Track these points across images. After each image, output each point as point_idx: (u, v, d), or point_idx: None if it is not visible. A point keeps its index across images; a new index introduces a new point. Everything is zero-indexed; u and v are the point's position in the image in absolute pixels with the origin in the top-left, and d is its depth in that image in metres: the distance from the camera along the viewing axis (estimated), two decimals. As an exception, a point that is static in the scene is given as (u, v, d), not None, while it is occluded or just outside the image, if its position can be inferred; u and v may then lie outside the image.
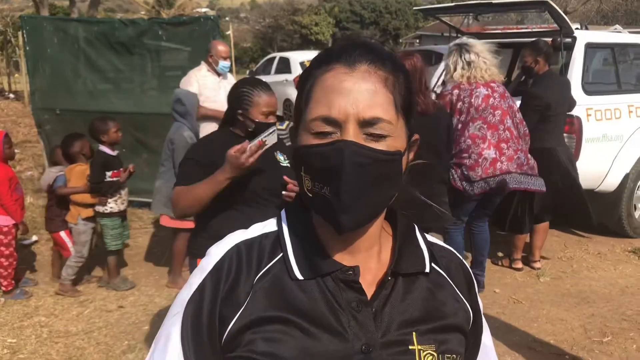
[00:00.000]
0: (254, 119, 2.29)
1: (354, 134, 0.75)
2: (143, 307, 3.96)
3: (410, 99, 0.81)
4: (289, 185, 2.24)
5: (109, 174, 4.04)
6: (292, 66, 13.33)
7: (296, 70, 12.59)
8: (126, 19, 6.93)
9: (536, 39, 4.67)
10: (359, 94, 0.76)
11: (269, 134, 2.15)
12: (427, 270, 0.86)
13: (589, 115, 4.81)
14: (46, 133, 6.34)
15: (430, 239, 0.93)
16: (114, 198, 4.10)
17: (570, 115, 4.64)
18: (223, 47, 4.79)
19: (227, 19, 53.24)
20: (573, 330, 3.62)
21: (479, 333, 0.94)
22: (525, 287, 4.30)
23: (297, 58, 13.51)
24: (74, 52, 6.14)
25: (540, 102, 4.26)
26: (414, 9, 8.75)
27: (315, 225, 0.85)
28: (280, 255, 0.83)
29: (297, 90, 0.84)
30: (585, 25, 5.81)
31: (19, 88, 16.16)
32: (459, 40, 4.05)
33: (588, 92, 4.88)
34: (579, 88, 4.80)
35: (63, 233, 4.27)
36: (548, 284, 4.38)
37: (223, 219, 2.22)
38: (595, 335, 3.55)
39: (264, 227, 0.88)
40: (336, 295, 0.80)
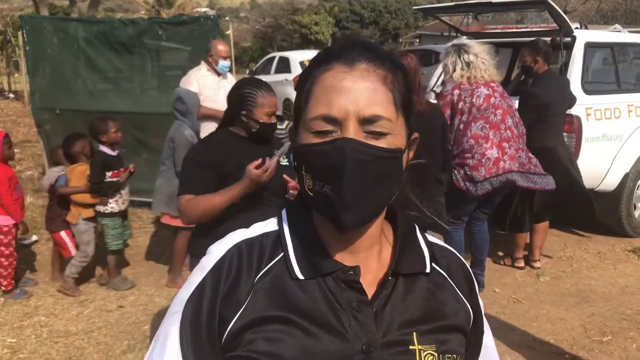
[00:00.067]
0: (258, 120, 2.31)
1: (354, 132, 0.75)
2: (143, 307, 3.96)
3: (409, 97, 0.82)
4: (290, 184, 2.25)
5: (109, 174, 4.04)
6: (292, 66, 13.35)
7: (296, 70, 12.60)
8: (126, 19, 6.92)
9: (535, 38, 4.66)
10: (358, 92, 0.76)
11: (284, 150, 2.26)
12: (428, 270, 0.86)
13: (588, 114, 4.80)
14: (46, 133, 6.33)
15: (431, 239, 0.93)
16: (114, 198, 4.10)
17: (570, 115, 4.64)
18: (223, 47, 4.79)
19: (227, 18, 53.25)
20: (573, 329, 3.62)
21: (480, 333, 0.94)
22: (525, 287, 4.30)
23: (297, 58, 13.54)
24: (73, 52, 6.13)
25: (539, 102, 4.25)
26: (414, 8, 8.74)
27: (316, 225, 0.85)
28: (281, 254, 0.83)
29: (297, 89, 0.84)
30: (585, 24, 5.79)
31: (19, 88, 16.14)
32: (457, 40, 4.05)
33: (588, 92, 4.87)
34: (579, 87, 4.80)
35: (63, 233, 4.27)
36: (548, 283, 4.38)
37: (224, 218, 2.22)
38: (595, 334, 3.55)
39: (264, 227, 0.88)
40: (337, 295, 0.80)
